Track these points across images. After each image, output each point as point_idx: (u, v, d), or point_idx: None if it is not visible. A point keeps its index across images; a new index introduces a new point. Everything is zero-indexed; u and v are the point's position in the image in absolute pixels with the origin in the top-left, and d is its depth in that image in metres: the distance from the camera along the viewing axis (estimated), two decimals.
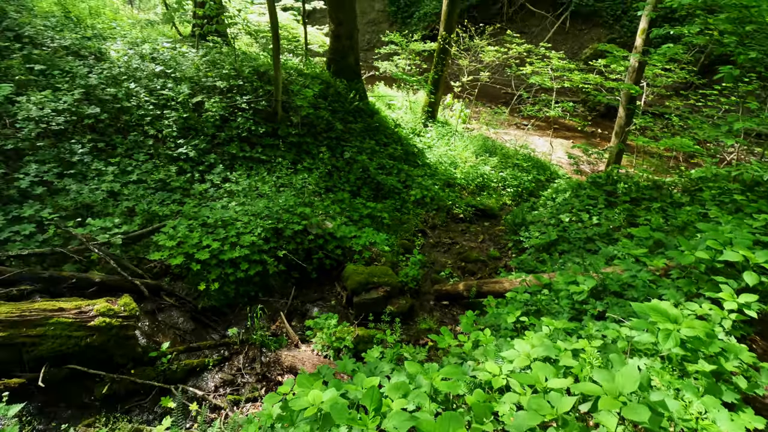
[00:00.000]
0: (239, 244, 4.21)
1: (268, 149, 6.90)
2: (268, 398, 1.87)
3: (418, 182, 8.31)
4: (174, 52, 7.59)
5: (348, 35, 9.12)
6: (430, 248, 6.90)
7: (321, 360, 3.28)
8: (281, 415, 1.71)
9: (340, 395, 1.82)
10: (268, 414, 1.84)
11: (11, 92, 4.60)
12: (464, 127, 13.72)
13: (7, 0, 6.46)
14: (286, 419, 1.71)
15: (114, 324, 2.75)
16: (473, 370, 2.32)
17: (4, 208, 3.76)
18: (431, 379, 1.93)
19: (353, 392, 1.85)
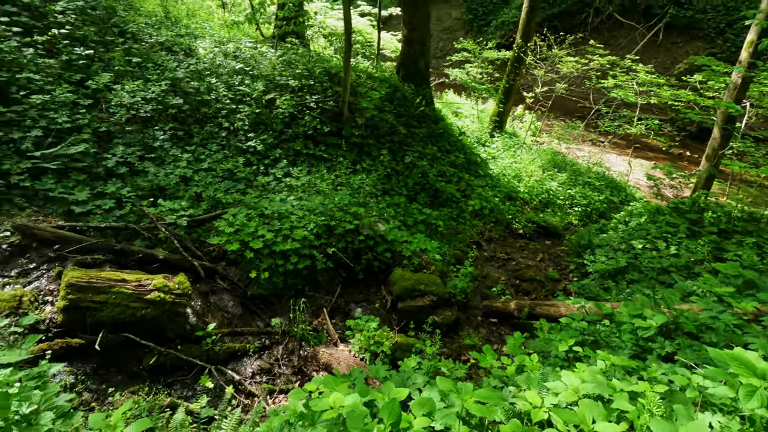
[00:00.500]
0: (291, 237, 4.31)
1: (331, 148, 7.05)
2: (293, 393, 1.84)
3: (478, 192, 8.05)
4: (254, 52, 8.03)
5: (420, 40, 9.10)
6: (484, 262, 6.63)
7: (357, 362, 3.24)
8: (303, 413, 1.67)
9: (365, 402, 1.75)
10: (294, 410, 1.81)
11: (110, 81, 5.10)
12: (533, 139, 13.14)
13: (118, 0, 7.23)
14: (307, 417, 1.67)
15: (167, 300, 2.91)
16: (513, 397, 2.14)
17: (92, 183, 4.16)
18: (464, 400, 1.79)
19: (380, 400, 1.77)
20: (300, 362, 3.34)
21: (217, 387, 2.84)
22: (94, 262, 3.32)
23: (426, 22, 9.01)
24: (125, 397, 2.45)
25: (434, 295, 4.66)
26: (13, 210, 3.54)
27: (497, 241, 7.36)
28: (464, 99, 14.92)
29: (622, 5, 19.57)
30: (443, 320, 4.58)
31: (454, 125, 10.34)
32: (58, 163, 3.92)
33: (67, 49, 5.10)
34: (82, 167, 4.16)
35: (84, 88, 4.97)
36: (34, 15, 5.17)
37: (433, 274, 5.03)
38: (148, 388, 2.58)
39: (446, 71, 13.68)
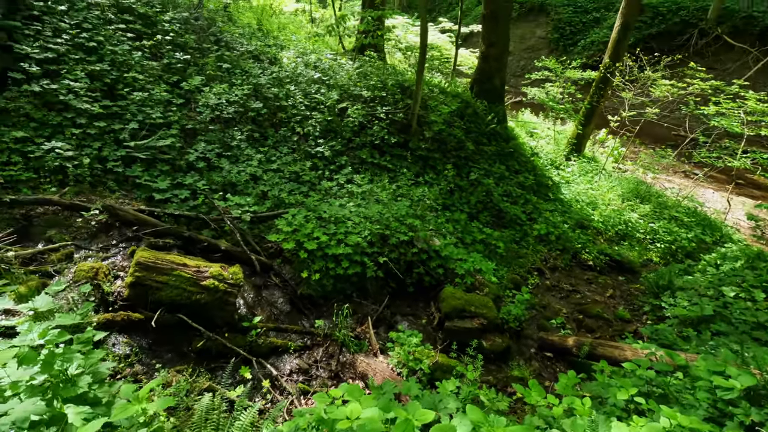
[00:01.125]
0: (345, 243, 4.35)
1: (396, 159, 7.08)
2: (318, 397, 1.82)
3: (545, 217, 7.61)
4: (333, 63, 8.38)
5: (497, 57, 8.91)
6: (545, 291, 6.21)
7: (393, 375, 3.15)
8: (323, 419, 1.63)
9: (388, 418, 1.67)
10: (318, 414, 1.79)
11: (200, 83, 5.58)
12: (615, 166, 12.22)
13: (218, 12, 7.96)
14: (327, 424, 1.63)
15: (220, 288, 3.06)
16: None
17: (173, 174, 4.56)
18: None
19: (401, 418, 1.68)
20: (338, 367, 3.33)
21: (255, 379, 2.91)
22: (164, 245, 3.61)
23: (505, 38, 8.81)
24: (171, 375, 2.60)
25: (485, 319, 4.43)
26: (105, 192, 3.97)
27: (562, 271, 6.87)
28: (541, 119, 14.33)
29: (734, 27, 17.66)
30: (492, 346, 4.33)
31: (527, 145, 9.93)
32: (147, 154, 4.35)
33: (168, 54, 5.69)
34: (167, 159, 4.58)
35: (178, 89, 5.49)
36: (146, 23, 5.84)
37: (486, 297, 4.79)
38: (191, 369, 2.71)
39: (524, 90, 13.23)
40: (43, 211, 3.43)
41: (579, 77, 12.18)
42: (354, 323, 4.05)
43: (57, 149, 3.76)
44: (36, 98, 4.00)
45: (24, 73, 4.05)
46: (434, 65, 13.60)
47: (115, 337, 2.70)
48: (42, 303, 1.69)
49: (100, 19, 5.22)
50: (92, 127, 4.18)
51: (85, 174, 3.85)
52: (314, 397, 1.80)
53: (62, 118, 4.05)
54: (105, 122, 4.30)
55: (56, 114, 4.06)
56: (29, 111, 3.87)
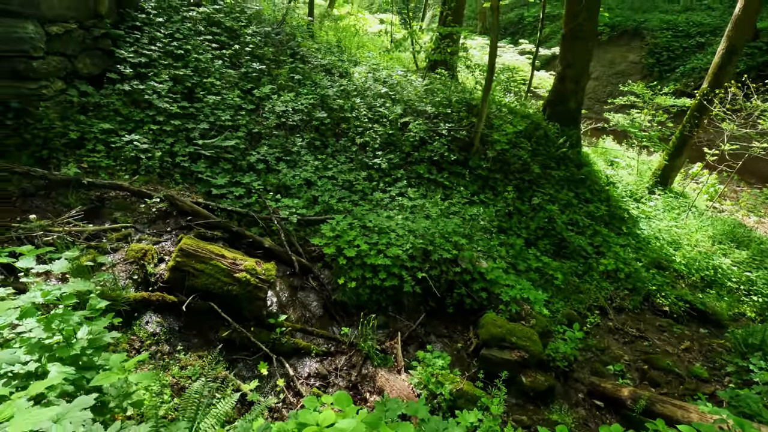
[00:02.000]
0: (385, 254, 4.29)
1: (453, 176, 6.92)
2: (308, 401, 1.75)
3: (615, 251, 6.92)
4: (402, 79, 8.48)
5: (575, 78, 8.43)
6: (606, 333, 5.61)
7: (411, 395, 2.98)
8: (301, 423, 1.56)
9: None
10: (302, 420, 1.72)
11: (270, 91, 5.94)
12: (710, 204, 10.88)
13: (299, 28, 8.48)
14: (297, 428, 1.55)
15: (251, 282, 3.14)
16: None
17: (233, 173, 4.84)
18: None
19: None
20: (357, 378, 3.24)
21: (272, 376, 2.92)
22: (212, 237, 3.81)
23: (584, 59, 8.32)
24: (191, 358, 2.70)
25: (527, 352, 4.08)
26: (171, 183, 4.32)
27: (630, 313, 6.17)
28: (624, 148, 13.26)
29: None
30: (532, 384, 3.96)
31: (602, 173, 9.19)
32: (212, 152, 4.68)
33: (246, 63, 6.14)
34: (229, 158, 4.89)
35: (251, 95, 5.89)
36: (231, 36, 6.38)
37: (532, 329, 4.42)
38: (212, 356, 2.79)
39: (606, 115, 12.36)
40: (115, 195, 3.82)
41: (671, 104, 11.12)
42: (384, 337, 3.94)
43: (135, 142, 4.19)
44: (125, 96, 4.52)
45: (119, 74, 4.60)
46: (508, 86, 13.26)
47: (150, 316, 2.88)
48: (59, 267, 1.85)
49: (191, 31, 5.80)
50: (168, 125, 4.61)
51: (155, 166, 4.23)
52: (304, 401, 1.74)
53: (144, 115, 4.52)
54: (180, 121, 4.72)
55: (140, 111, 4.54)
56: (118, 107, 4.37)
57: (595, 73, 23.67)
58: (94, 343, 1.60)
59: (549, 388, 4.08)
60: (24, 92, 3.69)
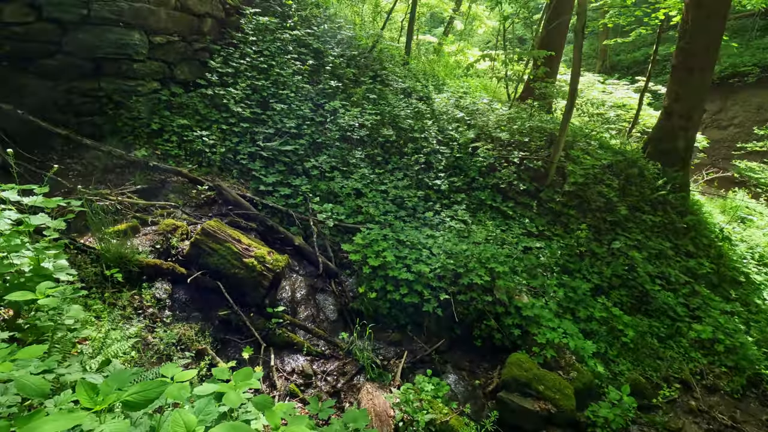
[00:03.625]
0: (410, 268, 4.11)
1: (520, 207, 6.45)
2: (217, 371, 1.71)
3: (716, 317, 5.66)
4: (486, 107, 8.23)
5: (685, 114, 7.36)
6: (684, 413, 4.56)
7: (387, 415, 2.71)
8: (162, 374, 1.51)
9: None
10: None
11: (339, 106, 6.26)
12: None
13: (385, 52, 8.88)
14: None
15: (257, 269, 3.24)
16: None
17: (287, 176, 5.15)
18: None
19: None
20: (343, 386, 3.08)
21: (253, 363, 2.93)
22: (246, 227, 4.06)
23: (698, 93, 7.23)
24: (182, 327, 2.85)
25: (555, 406, 3.49)
26: (228, 177, 4.75)
27: (726, 397, 4.95)
28: (763, 204, 11.04)
29: None
30: None
31: (716, 226, 7.72)
32: (269, 154, 5.05)
33: (325, 81, 6.60)
34: (286, 161, 5.22)
35: (322, 109, 6.27)
36: (316, 56, 6.94)
37: (572, 382, 3.78)
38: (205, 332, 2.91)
39: (735, 162, 10.48)
40: (176, 180, 4.32)
41: None
42: (392, 354, 3.72)
43: (204, 137, 4.73)
44: (207, 99, 5.16)
45: (206, 80, 5.29)
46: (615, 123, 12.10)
47: (162, 284, 3.13)
48: (30, 200, 2.12)
49: (281, 50, 6.45)
50: (238, 127, 5.11)
51: (217, 160, 4.71)
52: (214, 370, 1.70)
53: (219, 116, 5.10)
54: (249, 124, 5.20)
55: (217, 112, 5.13)
56: (199, 108, 5.01)
57: (737, 119, 20.53)
58: (38, 272, 1.80)
59: None
60: (124, 88, 4.45)
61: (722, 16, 6.88)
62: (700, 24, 6.91)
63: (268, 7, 6.91)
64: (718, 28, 6.92)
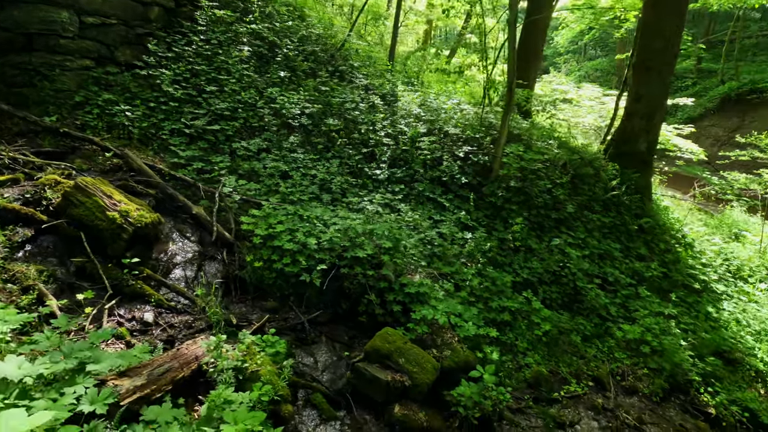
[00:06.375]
0: (298, 241, 4.15)
1: (458, 199, 6.38)
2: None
3: (651, 321, 5.37)
4: (453, 106, 8.17)
5: (646, 115, 7.15)
6: (586, 409, 4.34)
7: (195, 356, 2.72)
8: None
9: None
10: None
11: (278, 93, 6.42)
12: None
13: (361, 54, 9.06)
14: None
15: (117, 221, 3.37)
16: None
17: (211, 153, 5.31)
18: None
19: None
20: (181, 337, 3.13)
21: (93, 306, 3.03)
22: (142, 192, 4.22)
23: (659, 93, 7.02)
24: (32, 267, 3.01)
25: (410, 379, 3.41)
26: (147, 150, 4.96)
27: (644, 400, 4.69)
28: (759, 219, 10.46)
29: None
30: (404, 417, 3.26)
31: (680, 231, 7.36)
32: (192, 131, 5.25)
33: (273, 70, 6.81)
34: (211, 140, 5.40)
35: (268, 98, 6.46)
36: (270, 48, 7.19)
37: (441, 359, 3.68)
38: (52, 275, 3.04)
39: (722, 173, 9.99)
40: (87, 147, 4.55)
41: None
42: (259, 318, 3.74)
43: (126, 112, 4.98)
44: (141, 79, 5.44)
45: (144, 63, 5.58)
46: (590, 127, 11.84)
47: (21, 229, 3.30)
48: None
49: (232, 41, 6.72)
50: (167, 105, 5.35)
51: (136, 133, 4.93)
52: None
53: (150, 94, 5.35)
54: (179, 104, 5.44)
55: (150, 92, 5.39)
56: (130, 86, 5.28)
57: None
58: None
59: (430, 430, 3.31)
60: (51, 62, 4.77)
61: (680, 14, 6.71)
62: (657, 23, 6.76)
63: (230, 2, 7.24)
64: (676, 28, 6.74)
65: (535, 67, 10.12)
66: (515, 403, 4.14)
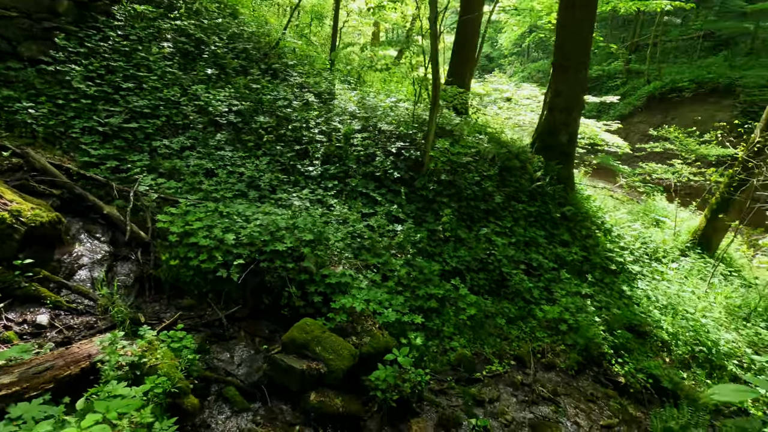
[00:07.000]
0: (215, 237, 4.09)
1: (391, 194, 6.50)
2: None
3: (571, 302, 5.72)
4: (389, 105, 8.28)
5: (565, 109, 7.61)
6: (506, 386, 4.56)
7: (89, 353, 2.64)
8: None
9: None
10: None
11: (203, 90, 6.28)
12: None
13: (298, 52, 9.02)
14: None
15: (7, 221, 3.19)
16: None
17: (128, 151, 5.11)
18: None
19: None
20: (80, 338, 3.01)
21: None
22: (45, 192, 4.00)
23: (576, 89, 7.50)
24: None
25: (327, 367, 3.46)
26: (55, 149, 4.70)
27: (561, 374, 4.98)
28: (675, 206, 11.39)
29: None
30: (320, 404, 3.30)
31: (599, 218, 7.90)
32: (107, 129, 5.03)
33: (200, 68, 6.66)
34: (129, 139, 5.20)
35: (193, 96, 6.29)
36: (197, 45, 7.01)
37: (360, 346, 3.75)
38: None
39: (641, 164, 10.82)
40: None
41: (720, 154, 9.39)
42: (173, 316, 3.66)
43: (29, 109, 4.70)
44: (48, 76, 5.15)
45: (52, 58, 5.28)
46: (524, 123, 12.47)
47: None
48: None
49: (155, 37, 6.50)
50: (79, 103, 5.09)
51: (41, 132, 4.66)
52: None
53: (59, 91, 5.08)
54: (91, 101, 5.19)
55: (58, 88, 5.12)
56: (35, 82, 4.99)
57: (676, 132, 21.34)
58: None
59: (347, 416, 3.37)
60: None
61: (590, 18, 7.22)
62: (571, 27, 7.24)
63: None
64: (587, 30, 7.24)
65: (471, 66, 10.50)
66: (438, 385, 4.30)
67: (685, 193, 12.57)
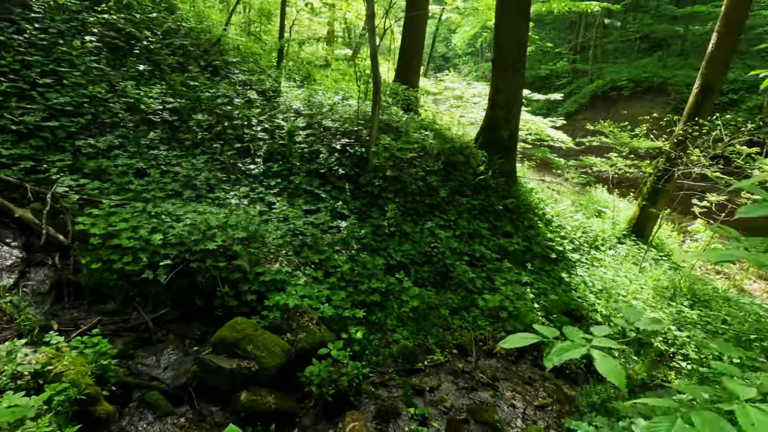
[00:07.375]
0: (141, 238, 3.91)
1: (336, 190, 6.47)
2: None
3: (511, 290, 5.91)
4: (337, 102, 8.21)
5: (505, 105, 7.87)
6: (447, 374, 4.65)
7: None
8: None
9: None
10: None
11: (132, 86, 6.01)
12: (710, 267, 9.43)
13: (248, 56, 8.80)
14: None
15: None
16: None
17: (46, 150, 4.80)
18: None
19: None
20: None
21: None
22: None
23: (514, 87, 7.77)
24: None
25: (258, 365, 3.39)
26: None
27: (501, 360, 5.13)
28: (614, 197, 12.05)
29: None
30: (251, 403, 3.23)
31: (540, 209, 8.23)
32: (21, 128, 4.70)
33: (130, 63, 6.35)
34: (48, 137, 4.88)
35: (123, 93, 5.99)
36: (127, 41, 6.69)
37: (298, 343, 3.71)
38: None
39: (581, 157, 11.39)
40: None
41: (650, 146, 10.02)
42: (92, 321, 3.47)
43: None
44: None
45: None
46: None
47: None
48: None
49: (78, 31, 6.14)
50: None
51: None
52: None
53: None
54: (2, 97, 4.83)
55: None
56: None
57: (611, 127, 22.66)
58: None
59: (281, 413, 3.32)
60: None
61: (525, 19, 7.51)
62: (507, 25, 7.50)
63: None
64: (523, 30, 7.52)
65: (417, 63, 10.65)
66: (379, 378, 4.33)
67: (625, 185, 13.38)
